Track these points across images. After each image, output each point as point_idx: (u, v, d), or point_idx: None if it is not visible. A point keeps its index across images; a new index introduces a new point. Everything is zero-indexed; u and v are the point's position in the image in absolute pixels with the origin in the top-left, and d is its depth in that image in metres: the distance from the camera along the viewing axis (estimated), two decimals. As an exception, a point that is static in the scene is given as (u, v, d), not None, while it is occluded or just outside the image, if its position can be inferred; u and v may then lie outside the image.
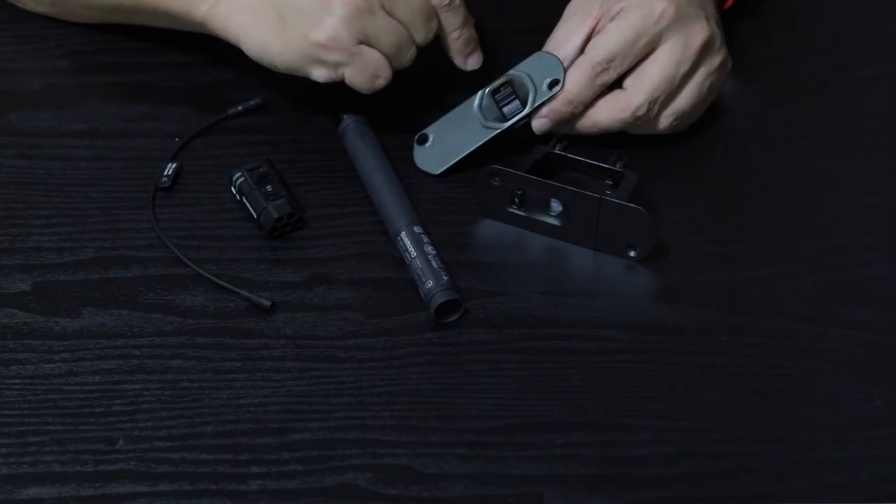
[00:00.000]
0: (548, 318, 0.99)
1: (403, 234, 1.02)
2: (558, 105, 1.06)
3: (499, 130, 1.07)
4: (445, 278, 0.99)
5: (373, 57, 1.03)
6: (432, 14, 1.06)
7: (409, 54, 1.05)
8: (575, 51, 1.07)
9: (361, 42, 1.03)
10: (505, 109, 1.07)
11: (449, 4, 1.06)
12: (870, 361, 0.97)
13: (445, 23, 1.07)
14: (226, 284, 1.00)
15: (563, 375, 0.96)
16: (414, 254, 1.00)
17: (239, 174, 1.05)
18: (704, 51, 1.07)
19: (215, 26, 1.07)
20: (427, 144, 1.09)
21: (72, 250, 1.02)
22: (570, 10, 1.09)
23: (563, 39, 1.07)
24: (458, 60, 1.09)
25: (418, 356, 0.97)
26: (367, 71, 1.04)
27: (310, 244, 1.04)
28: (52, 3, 1.16)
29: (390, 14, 1.03)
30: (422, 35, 1.05)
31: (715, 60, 1.08)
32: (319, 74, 1.04)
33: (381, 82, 1.04)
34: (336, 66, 1.03)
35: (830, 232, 1.06)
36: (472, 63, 1.09)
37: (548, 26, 1.09)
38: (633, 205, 1.00)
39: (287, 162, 1.08)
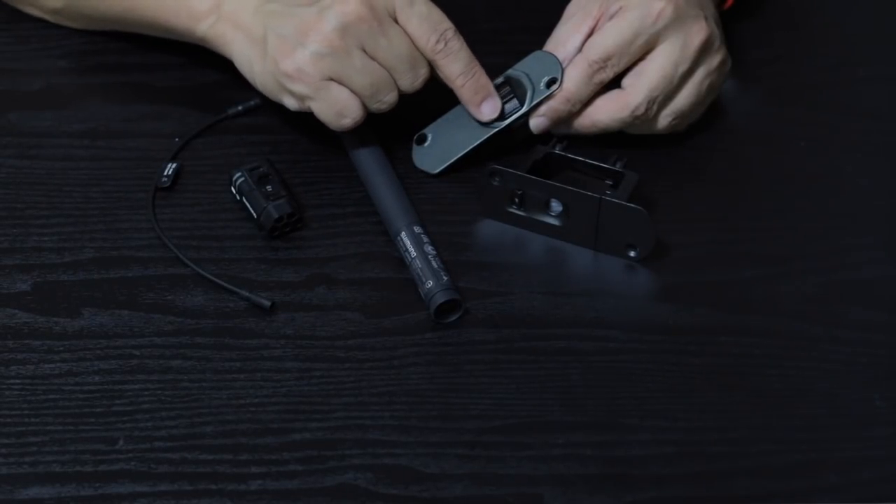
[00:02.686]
0: (548, 318, 0.99)
1: (403, 234, 1.02)
2: (556, 104, 1.06)
3: (496, 129, 1.07)
4: (445, 278, 0.99)
5: (340, 95, 1.02)
6: (419, 62, 1.03)
7: (389, 98, 1.03)
8: (575, 51, 1.07)
9: (332, 79, 1.01)
10: (503, 108, 1.07)
11: (443, 50, 1.03)
12: (870, 361, 0.97)
13: (445, 70, 1.04)
14: (226, 284, 1.00)
15: (563, 375, 0.96)
16: (414, 254, 1.00)
17: (239, 174, 1.05)
18: (703, 51, 1.07)
19: (215, 42, 1.07)
20: (426, 144, 1.09)
21: (72, 250, 1.02)
22: (570, 10, 1.09)
23: (564, 40, 1.07)
24: (471, 110, 1.06)
25: (418, 356, 0.97)
26: (332, 108, 1.02)
27: (310, 244, 1.04)
28: (54, 10, 1.17)
29: (371, 56, 1.02)
30: (406, 81, 1.03)
31: (714, 60, 1.08)
32: (289, 103, 1.04)
33: (347, 122, 1.03)
34: (302, 97, 1.03)
35: (830, 232, 1.06)
36: (487, 111, 1.06)
37: (547, 26, 1.09)
38: (633, 205, 1.00)
39: (287, 162, 1.08)
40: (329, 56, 1.01)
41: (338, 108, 1.02)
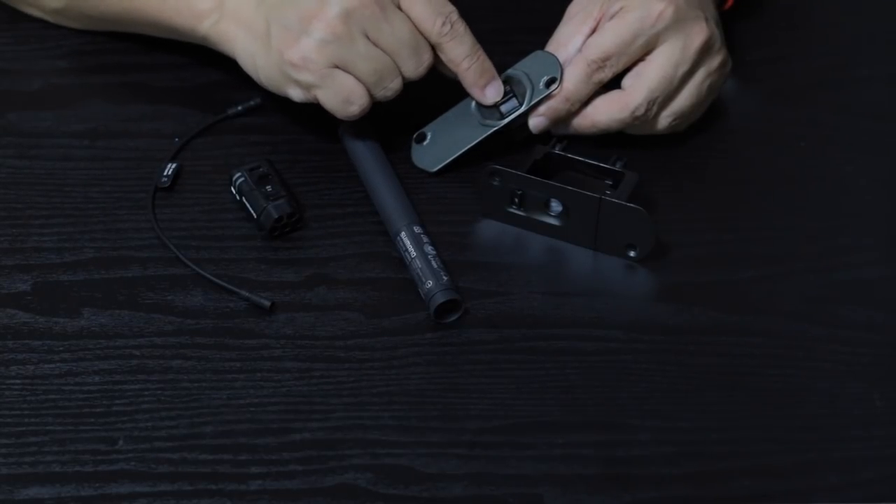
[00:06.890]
0: (548, 318, 0.99)
1: (403, 234, 1.02)
2: (555, 103, 1.07)
3: (495, 128, 1.07)
4: (445, 278, 0.99)
5: (346, 82, 1.02)
6: (422, 47, 1.03)
7: (393, 85, 1.03)
8: (575, 52, 1.07)
9: (337, 66, 1.01)
10: (503, 108, 1.07)
11: (449, 32, 1.03)
12: (870, 361, 0.97)
13: (450, 53, 1.04)
14: (226, 284, 1.00)
15: (563, 375, 0.96)
16: (414, 254, 1.00)
17: (239, 174, 1.05)
18: (703, 52, 1.07)
19: (218, 41, 1.07)
20: (425, 143, 1.09)
21: (72, 250, 1.02)
22: (571, 11, 1.09)
23: (565, 41, 1.07)
24: (474, 93, 1.06)
25: (418, 356, 0.97)
26: (338, 95, 1.02)
27: (310, 244, 1.04)
28: (55, 10, 1.17)
29: (375, 43, 1.02)
30: (410, 67, 1.03)
31: (714, 61, 1.08)
32: (294, 94, 1.04)
33: (354, 109, 1.03)
34: (308, 86, 1.03)
35: (830, 232, 1.06)
36: (491, 94, 1.06)
37: (547, 26, 1.09)
38: (632, 205, 1.00)
39: (287, 162, 1.08)
40: (333, 43, 1.01)
41: (344, 95, 1.02)
